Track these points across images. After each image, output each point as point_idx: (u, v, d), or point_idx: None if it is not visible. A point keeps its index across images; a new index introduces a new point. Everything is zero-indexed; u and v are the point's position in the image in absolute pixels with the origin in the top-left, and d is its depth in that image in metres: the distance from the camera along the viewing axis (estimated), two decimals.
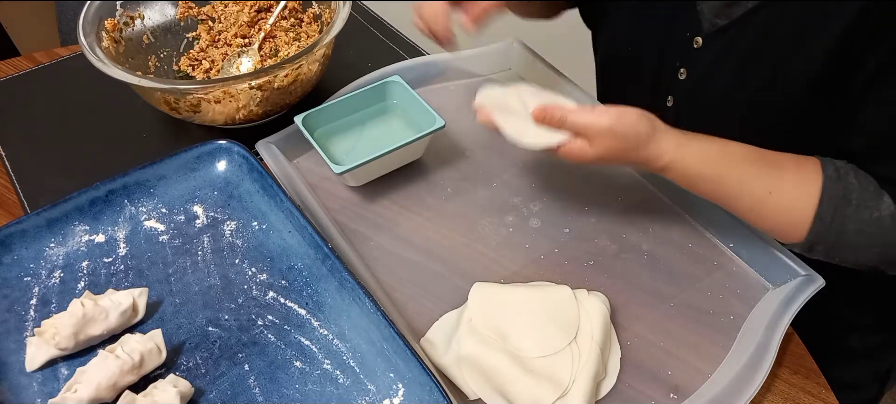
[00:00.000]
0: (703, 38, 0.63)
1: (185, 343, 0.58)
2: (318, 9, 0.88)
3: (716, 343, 0.61)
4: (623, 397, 0.57)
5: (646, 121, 0.58)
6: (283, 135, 0.76)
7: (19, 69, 0.90)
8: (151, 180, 0.67)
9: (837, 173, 0.58)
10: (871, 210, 0.56)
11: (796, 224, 0.58)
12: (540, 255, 0.68)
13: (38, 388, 0.54)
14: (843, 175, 0.58)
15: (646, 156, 0.59)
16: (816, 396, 0.60)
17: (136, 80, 0.69)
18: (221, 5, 0.89)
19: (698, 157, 0.59)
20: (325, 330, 0.59)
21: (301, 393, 0.55)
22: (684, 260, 0.68)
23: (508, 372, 0.56)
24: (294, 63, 0.72)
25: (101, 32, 0.78)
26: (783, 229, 0.60)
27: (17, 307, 0.59)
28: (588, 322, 0.59)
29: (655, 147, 0.59)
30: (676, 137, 0.59)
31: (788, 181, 0.59)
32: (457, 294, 0.64)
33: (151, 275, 0.62)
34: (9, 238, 0.61)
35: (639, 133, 0.58)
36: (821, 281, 0.63)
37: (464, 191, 0.74)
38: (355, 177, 0.72)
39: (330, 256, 0.60)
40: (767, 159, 0.60)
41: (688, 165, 0.59)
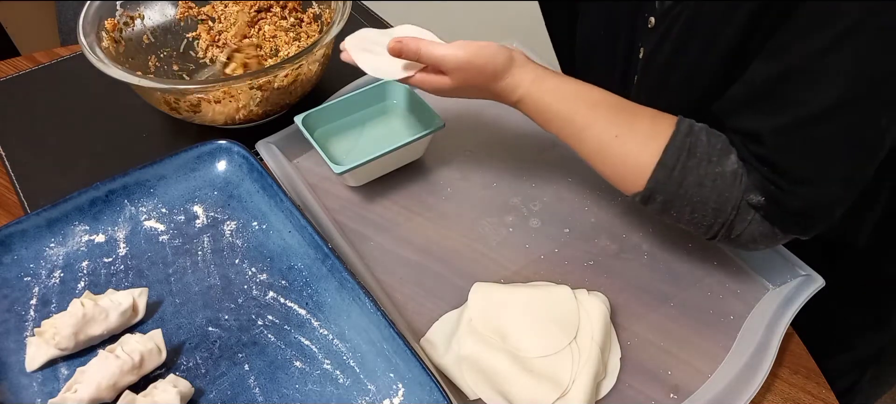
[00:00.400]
0: (655, 17, 0.65)
1: (185, 343, 0.58)
2: (318, 9, 0.88)
3: (716, 343, 0.61)
4: (623, 397, 0.57)
5: (504, 54, 0.60)
6: (283, 135, 0.76)
7: (19, 69, 0.90)
8: (151, 180, 0.67)
9: (690, 129, 0.57)
10: (714, 165, 0.56)
11: (639, 170, 0.58)
12: (540, 255, 0.68)
13: (38, 388, 0.54)
14: (696, 132, 0.57)
15: (502, 88, 0.61)
16: (816, 396, 0.60)
17: (136, 80, 0.69)
18: (221, 5, 0.89)
19: (552, 94, 0.60)
20: (325, 330, 0.58)
21: (301, 393, 0.55)
22: (684, 260, 0.68)
23: (508, 372, 0.56)
24: (294, 63, 0.72)
25: (101, 32, 0.78)
26: (625, 175, 0.59)
27: (17, 307, 0.59)
28: (588, 322, 0.59)
29: (511, 79, 0.60)
30: (534, 72, 0.61)
31: (638, 129, 0.59)
32: (457, 294, 0.64)
33: (151, 275, 0.62)
34: (9, 238, 0.61)
35: (496, 65, 0.60)
36: (821, 281, 0.63)
37: (464, 191, 0.74)
38: (355, 177, 0.72)
39: (330, 256, 0.60)
40: (623, 107, 0.60)
41: (540, 100, 0.61)
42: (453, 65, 0.59)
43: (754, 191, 0.55)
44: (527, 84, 0.61)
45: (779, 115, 0.52)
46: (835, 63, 0.49)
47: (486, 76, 0.60)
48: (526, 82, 0.61)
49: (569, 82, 0.61)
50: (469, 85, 0.61)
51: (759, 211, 0.56)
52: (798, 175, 0.53)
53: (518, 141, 0.80)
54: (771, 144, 0.53)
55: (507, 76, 0.61)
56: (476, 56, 0.59)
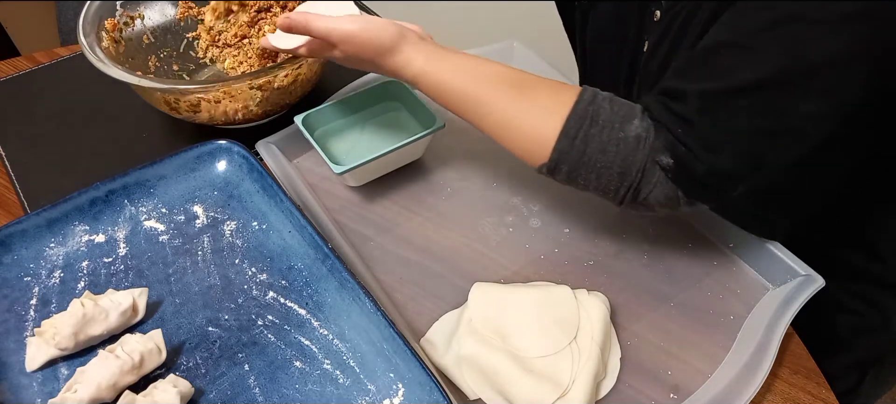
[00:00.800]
0: (660, 11, 0.65)
1: (185, 343, 0.58)
2: None
3: (716, 343, 0.61)
4: (623, 397, 0.57)
5: (391, 30, 0.61)
6: (283, 135, 0.76)
7: (19, 69, 0.90)
8: (151, 180, 0.67)
9: (593, 97, 0.57)
10: (617, 130, 0.56)
11: (542, 143, 0.58)
12: (540, 255, 0.68)
13: (38, 388, 0.54)
14: (599, 100, 0.57)
15: (392, 65, 0.62)
16: (816, 396, 0.60)
17: (136, 80, 0.69)
18: (221, 5, 0.89)
19: (448, 72, 0.61)
20: (325, 330, 0.59)
21: (301, 393, 0.55)
22: (684, 260, 0.68)
23: (508, 372, 0.56)
24: (294, 63, 0.72)
25: (101, 32, 0.78)
26: (530, 148, 0.59)
27: (17, 307, 0.59)
28: (588, 322, 0.59)
29: (401, 56, 0.61)
30: (428, 50, 0.61)
31: (539, 102, 0.58)
32: (457, 294, 0.64)
33: (151, 275, 0.62)
34: (9, 238, 0.61)
35: (382, 40, 0.60)
36: (821, 281, 0.63)
37: (464, 191, 0.74)
38: (355, 177, 0.72)
39: (330, 256, 0.60)
40: (523, 81, 0.60)
41: (436, 77, 0.61)
42: (338, 37, 0.60)
43: (663, 152, 0.55)
44: (420, 61, 0.61)
45: (705, 81, 0.53)
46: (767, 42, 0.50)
47: (373, 50, 0.61)
48: (419, 60, 0.61)
49: (465, 59, 0.62)
50: (357, 57, 0.62)
51: (668, 173, 0.56)
52: (708, 140, 0.53)
53: None
54: (694, 105, 0.53)
55: (396, 53, 0.61)
56: (361, 31, 0.60)
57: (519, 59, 0.88)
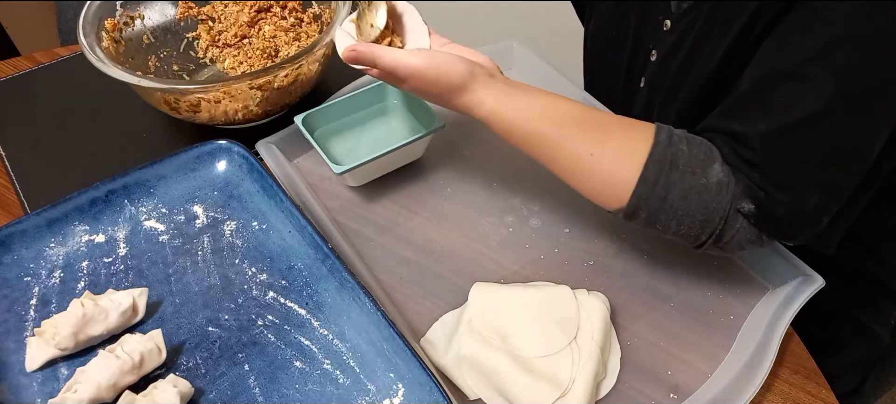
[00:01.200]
0: (671, 20, 0.64)
1: (185, 343, 0.58)
2: (318, 9, 0.88)
3: (716, 343, 0.61)
4: (623, 397, 0.57)
5: (461, 68, 0.57)
6: (283, 135, 0.76)
7: (19, 69, 0.90)
8: (151, 180, 0.67)
9: (669, 139, 0.55)
10: (698, 176, 0.54)
11: (619, 188, 0.56)
12: (540, 255, 0.68)
13: (38, 388, 0.54)
14: (675, 141, 0.55)
15: (463, 104, 0.59)
16: (816, 396, 0.60)
17: (136, 80, 0.69)
18: (221, 5, 0.89)
19: (518, 112, 0.58)
20: (325, 330, 0.59)
21: (301, 393, 0.55)
22: (684, 260, 0.68)
23: (508, 372, 0.56)
24: (294, 63, 0.72)
25: (101, 32, 0.78)
26: (604, 193, 0.58)
27: (17, 307, 0.59)
28: (588, 322, 0.59)
29: (473, 96, 0.58)
30: (498, 89, 0.58)
31: (613, 144, 0.56)
32: (457, 294, 0.64)
33: (151, 275, 0.62)
34: (9, 238, 0.61)
35: (451, 80, 0.57)
36: (821, 281, 0.63)
37: (464, 191, 0.74)
38: (355, 177, 0.72)
39: (330, 256, 0.60)
40: (594, 120, 0.58)
41: (506, 120, 0.58)
42: (405, 73, 0.57)
43: (744, 199, 0.54)
44: (490, 102, 0.58)
45: (765, 120, 0.52)
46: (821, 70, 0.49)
47: (441, 89, 0.58)
48: (489, 101, 0.58)
49: (536, 97, 0.59)
50: (425, 93, 0.59)
51: (750, 218, 0.55)
52: (782, 181, 0.52)
53: None
54: (758, 148, 0.52)
55: (466, 92, 0.58)
56: (428, 67, 0.57)
57: (519, 59, 0.88)
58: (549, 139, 0.58)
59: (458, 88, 0.58)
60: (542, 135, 0.58)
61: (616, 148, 0.56)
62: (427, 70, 0.57)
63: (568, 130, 0.57)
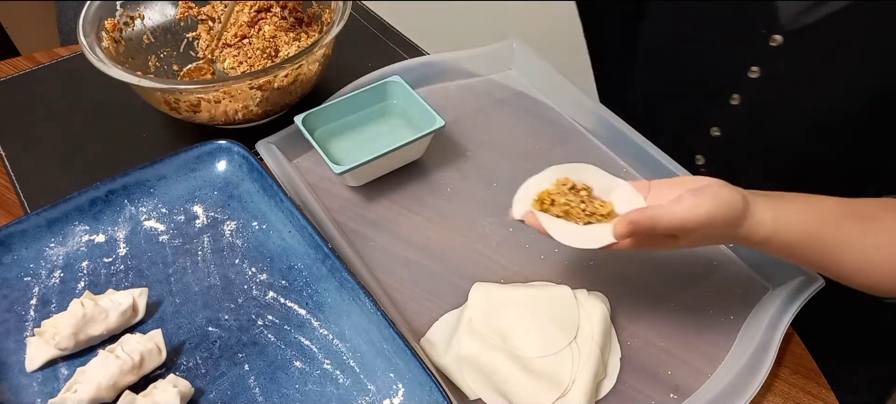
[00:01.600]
0: (784, 36, 0.60)
1: (185, 343, 0.58)
2: (318, 9, 0.88)
3: (716, 343, 0.61)
4: (623, 397, 0.57)
5: (738, 198, 0.52)
6: (283, 135, 0.76)
7: (19, 69, 0.90)
8: (151, 180, 0.67)
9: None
10: None
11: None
12: (540, 255, 0.68)
13: (38, 388, 0.54)
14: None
15: (744, 233, 0.53)
16: (816, 396, 0.60)
17: (136, 80, 0.69)
18: (221, 5, 0.89)
19: (798, 226, 0.53)
20: (325, 330, 0.59)
21: (301, 393, 0.55)
22: (684, 260, 0.68)
23: (508, 372, 0.56)
24: (294, 63, 0.72)
25: (101, 32, 0.78)
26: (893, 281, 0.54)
27: (17, 307, 0.59)
28: (588, 322, 0.59)
29: (751, 220, 0.53)
30: (771, 208, 0.53)
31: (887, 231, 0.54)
32: (457, 294, 0.64)
33: (151, 275, 0.62)
34: (9, 238, 0.61)
35: (737, 210, 0.52)
36: (821, 281, 0.63)
37: (464, 191, 0.74)
38: (355, 177, 0.72)
39: (330, 256, 0.60)
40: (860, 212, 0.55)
41: (788, 236, 0.53)
42: (694, 226, 0.51)
43: None
44: (768, 223, 0.53)
45: None
46: None
47: (729, 226, 0.52)
48: (767, 221, 0.53)
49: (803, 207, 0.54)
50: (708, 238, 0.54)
51: None
52: None
53: (518, 141, 0.80)
54: None
55: (747, 218, 0.53)
56: (717, 208, 0.50)
57: (519, 58, 0.88)
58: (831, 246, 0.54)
59: (741, 219, 0.53)
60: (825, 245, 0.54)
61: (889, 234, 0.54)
62: (717, 211, 0.51)
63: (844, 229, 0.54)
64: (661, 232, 0.51)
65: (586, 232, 0.55)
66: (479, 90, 0.86)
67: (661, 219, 0.51)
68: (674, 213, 0.50)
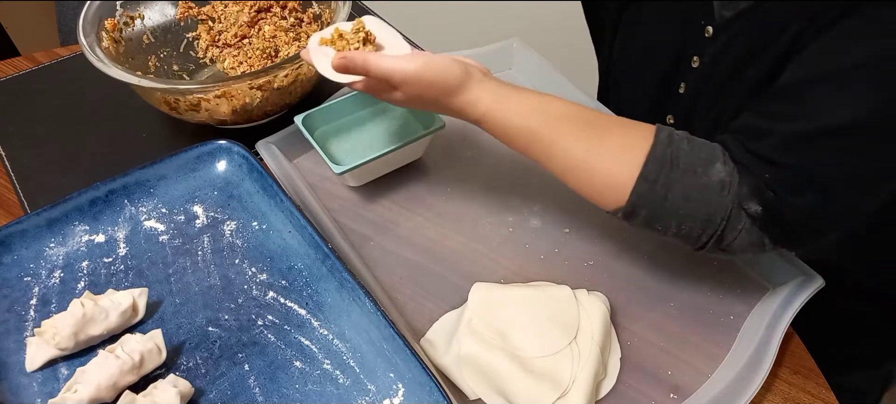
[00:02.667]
0: (714, 27, 0.63)
1: (185, 343, 0.58)
2: (318, 9, 0.88)
3: (716, 343, 0.61)
4: (623, 397, 0.57)
5: (457, 69, 0.57)
6: (283, 135, 0.76)
7: (19, 69, 0.90)
8: (151, 180, 0.67)
9: (669, 138, 0.54)
10: (700, 176, 0.53)
11: (617, 186, 0.55)
12: (540, 255, 0.68)
13: (38, 388, 0.54)
14: (676, 141, 0.54)
15: (458, 105, 0.58)
16: (816, 396, 0.60)
17: (136, 80, 0.69)
18: (221, 5, 0.89)
19: (514, 111, 0.57)
20: (325, 330, 0.59)
21: (301, 393, 0.55)
22: (684, 260, 0.68)
23: (508, 372, 0.56)
24: (294, 63, 0.72)
25: (101, 32, 0.78)
26: (603, 192, 0.56)
27: (17, 307, 0.59)
28: (588, 322, 0.59)
29: (468, 96, 0.57)
30: (494, 90, 0.57)
31: (611, 142, 0.56)
32: (457, 294, 0.64)
33: (151, 275, 0.62)
34: (9, 238, 0.61)
35: (448, 80, 0.56)
36: (821, 281, 0.63)
37: (464, 191, 0.74)
38: (355, 177, 0.72)
39: (330, 256, 0.60)
40: (592, 120, 0.57)
41: (503, 118, 0.57)
42: (400, 78, 0.56)
43: (751, 199, 0.53)
44: (487, 101, 0.57)
45: (793, 121, 0.51)
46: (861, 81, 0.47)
47: (438, 90, 0.57)
48: (486, 100, 0.57)
49: (531, 96, 0.58)
50: (420, 98, 0.58)
51: (756, 220, 0.54)
52: (798, 185, 0.51)
53: None
54: (781, 147, 0.51)
55: (462, 92, 0.57)
56: (425, 69, 0.56)
57: (519, 57, 0.88)
58: (544, 137, 0.57)
59: (455, 89, 0.57)
60: (537, 134, 0.57)
61: (614, 146, 0.56)
62: (425, 73, 0.56)
63: (563, 128, 0.56)
64: (373, 74, 0.57)
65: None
66: None
67: (372, 63, 0.56)
68: (383, 61, 0.56)
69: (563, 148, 0.57)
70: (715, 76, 0.64)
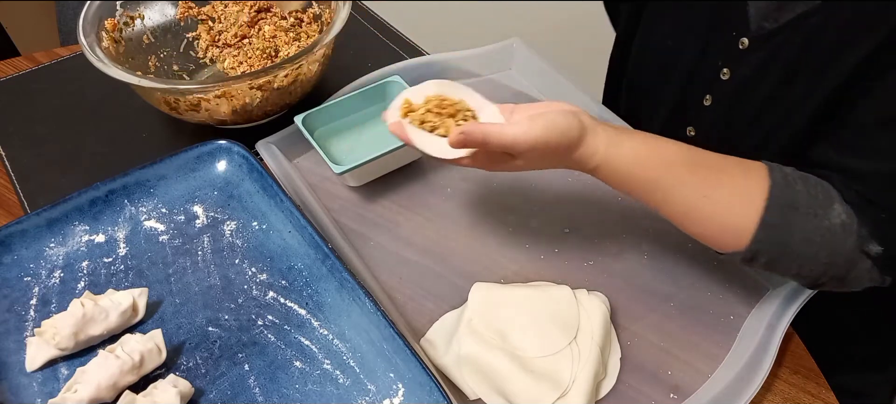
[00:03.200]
0: (750, 39, 0.61)
1: (185, 343, 0.58)
2: (318, 9, 0.88)
3: (716, 343, 0.61)
4: (623, 397, 0.57)
5: (575, 124, 0.54)
6: (283, 135, 0.76)
7: (19, 69, 0.90)
8: (151, 180, 0.67)
9: (785, 180, 0.54)
10: (821, 218, 0.52)
11: (737, 231, 0.54)
12: (540, 255, 0.68)
13: (38, 388, 0.54)
14: (791, 182, 0.54)
15: (576, 159, 0.56)
16: (816, 396, 0.60)
17: (136, 80, 0.69)
18: (221, 5, 0.89)
19: (629, 158, 0.55)
20: (325, 330, 0.59)
21: (301, 393, 0.55)
22: (684, 260, 0.68)
23: (508, 372, 0.56)
24: (294, 63, 0.72)
25: (101, 32, 0.78)
26: (721, 237, 0.55)
27: (17, 307, 0.59)
28: (588, 322, 0.59)
29: (585, 149, 0.55)
30: (607, 136, 0.55)
31: (728, 186, 0.55)
32: (457, 294, 0.64)
33: (151, 275, 0.62)
34: (9, 238, 0.61)
35: (570, 139, 0.54)
36: None
37: (464, 191, 0.74)
38: (355, 177, 0.72)
39: (330, 256, 0.60)
40: (706, 162, 0.56)
41: (618, 167, 0.56)
42: (525, 148, 0.53)
43: (871, 240, 0.52)
44: (602, 151, 0.55)
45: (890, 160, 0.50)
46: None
47: (561, 151, 0.54)
48: (600, 149, 0.55)
49: (643, 141, 0.56)
50: (542, 161, 0.56)
51: (877, 261, 0.53)
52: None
53: None
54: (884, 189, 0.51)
55: (581, 146, 0.55)
56: (548, 134, 0.53)
57: (520, 57, 0.88)
58: (661, 184, 0.55)
59: (575, 145, 0.55)
60: (653, 181, 0.56)
61: (731, 190, 0.54)
62: (549, 137, 0.53)
63: (680, 174, 0.55)
64: (492, 148, 0.54)
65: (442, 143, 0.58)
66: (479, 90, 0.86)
67: (492, 135, 0.53)
68: (505, 132, 0.53)
69: (681, 194, 0.55)
70: (751, 91, 0.63)
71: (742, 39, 0.62)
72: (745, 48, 0.62)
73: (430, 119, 0.59)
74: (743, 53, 0.62)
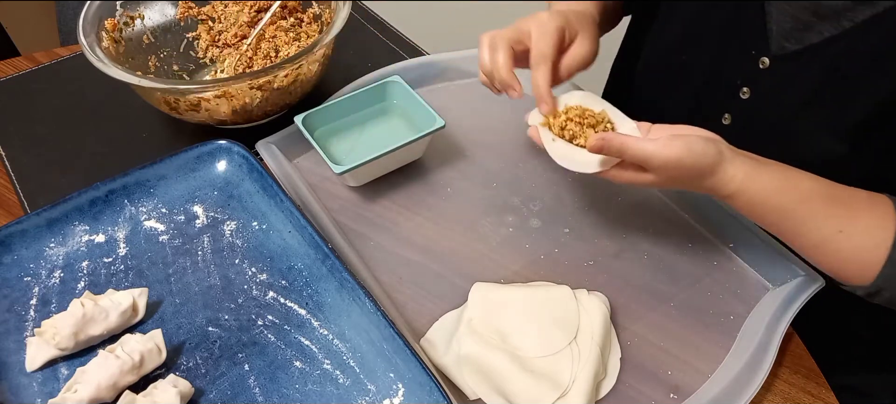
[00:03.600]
0: (771, 59, 0.61)
1: (185, 343, 0.58)
2: (318, 9, 0.88)
3: (716, 343, 0.61)
4: (623, 397, 0.57)
5: (712, 150, 0.54)
6: (283, 135, 0.76)
7: (19, 69, 0.90)
8: (151, 180, 0.67)
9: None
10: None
11: (863, 267, 0.55)
12: (540, 255, 0.68)
13: (38, 388, 0.54)
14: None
15: (711, 185, 0.56)
16: (816, 396, 0.60)
17: (136, 80, 0.69)
18: (221, 5, 0.89)
19: (766, 189, 0.55)
20: (325, 330, 0.59)
21: (301, 393, 0.55)
22: (684, 260, 0.68)
23: (508, 371, 0.56)
24: (294, 63, 0.72)
25: (101, 32, 0.78)
26: (847, 270, 0.57)
27: (17, 307, 0.59)
28: (588, 322, 0.59)
29: (722, 175, 0.55)
30: (745, 165, 0.56)
31: (861, 222, 0.55)
32: (457, 294, 0.64)
33: (151, 275, 0.62)
34: (9, 238, 0.61)
35: (706, 163, 0.54)
36: (821, 281, 0.63)
37: (464, 191, 0.74)
38: (355, 177, 0.72)
39: (330, 256, 0.60)
40: (839, 197, 0.56)
41: (754, 196, 0.56)
42: (660, 164, 0.54)
43: None
44: (739, 180, 0.55)
45: None
46: None
47: (695, 173, 0.55)
48: (738, 178, 0.55)
49: (779, 172, 0.56)
50: (674, 181, 0.56)
51: None
52: None
53: (518, 141, 0.80)
54: None
55: (718, 172, 0.55)
56: (686, 155, 0.53)
57: None
58: (795, 216, 0.56)
59: (711, 171, 0.55)
60: (789, 212, 0.56)
61: (862, 226, 0.55)
62: (686, 158, 0.54)
63: (814, 207, 0.56)
64: (629, 158, 0.55)
65: (579, 156, 0.59)
66: (479, 90, 0.86)
67: (630, 146, 0.54)
68: (644, 146, 0.54)
69: (814, 227, 0.56)
70: (772, 112, 0.63)
71: (762, 59, 0.62)
72: (766, 68, 0.62)
73: (571, 128, 0.60)
74: (763, 73, 0.62)
